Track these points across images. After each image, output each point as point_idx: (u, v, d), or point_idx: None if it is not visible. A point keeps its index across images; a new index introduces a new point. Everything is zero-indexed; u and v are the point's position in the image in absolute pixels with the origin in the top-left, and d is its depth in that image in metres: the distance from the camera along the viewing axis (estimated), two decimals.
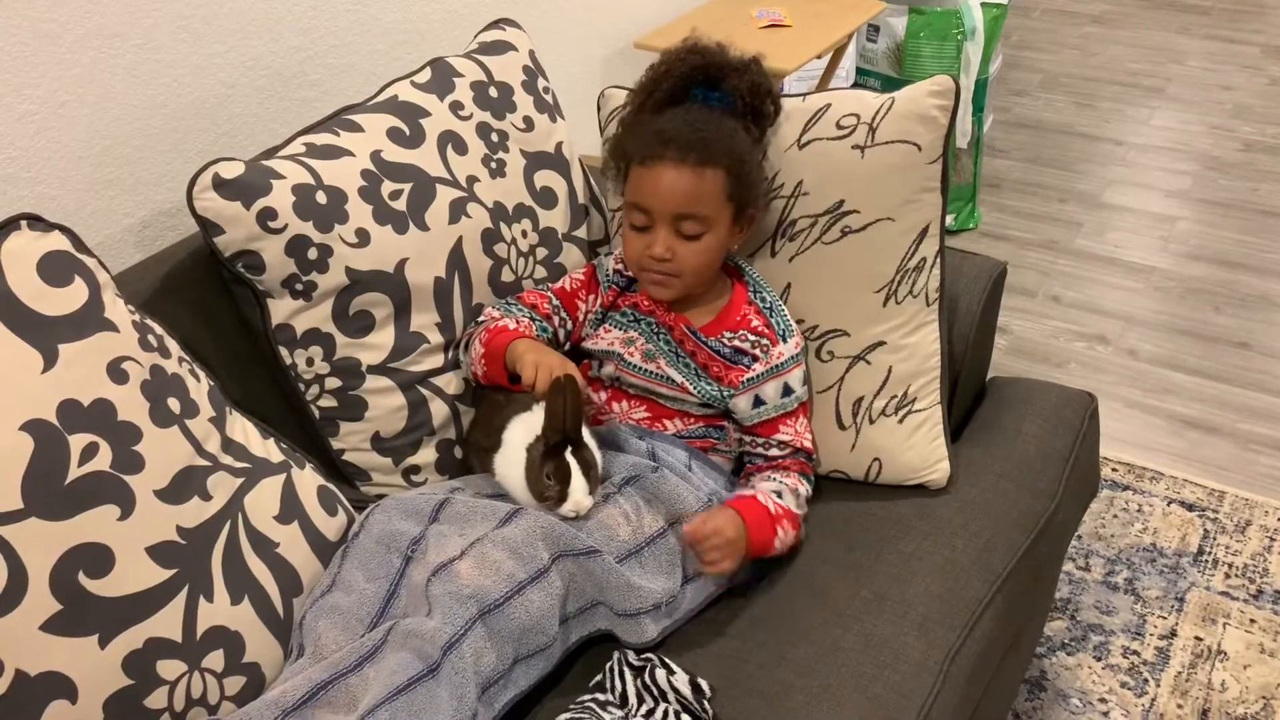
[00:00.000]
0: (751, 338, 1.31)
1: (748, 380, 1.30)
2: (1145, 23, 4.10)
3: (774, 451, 1.32)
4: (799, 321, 1.36)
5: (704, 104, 1.30)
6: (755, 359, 1.30)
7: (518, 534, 1.11)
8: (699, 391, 1.31)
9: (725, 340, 1.32)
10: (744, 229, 1.32)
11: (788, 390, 1.31)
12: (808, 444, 1.33)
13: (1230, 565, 1.92)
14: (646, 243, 1.28)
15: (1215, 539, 1.97)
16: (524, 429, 1.23)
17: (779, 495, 1.27)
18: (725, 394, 1.31)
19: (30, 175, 1.30)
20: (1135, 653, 1.77)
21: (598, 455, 1.21)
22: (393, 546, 1.13)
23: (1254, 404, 2.29)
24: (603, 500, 1.21)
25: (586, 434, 1.21)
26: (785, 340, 1.31)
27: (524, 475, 1.20)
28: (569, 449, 1.18)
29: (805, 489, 1.31)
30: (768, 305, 1.33)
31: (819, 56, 2.32)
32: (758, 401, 1.30)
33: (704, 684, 1.12)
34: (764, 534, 1.22)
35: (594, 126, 1.52)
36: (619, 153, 1.33)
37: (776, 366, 1.30)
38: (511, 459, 1.22)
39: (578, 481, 1.17)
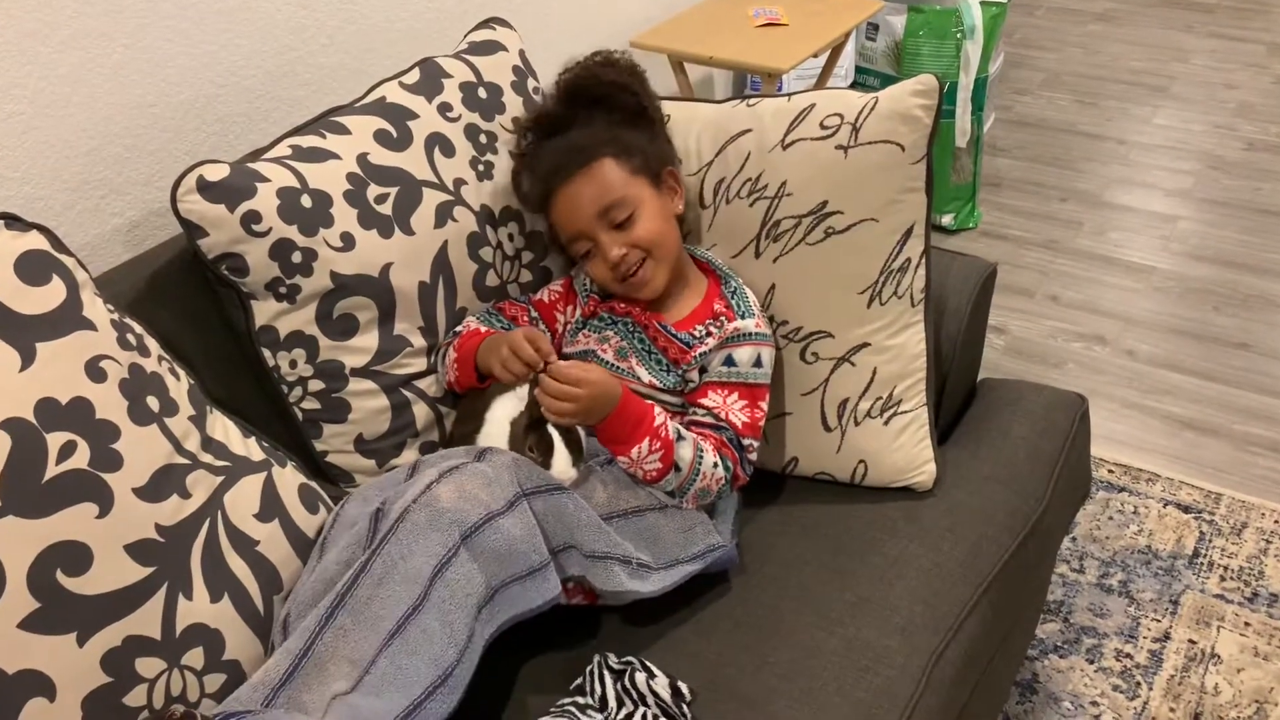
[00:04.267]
0: (712, 322, 1.32)
1: (700, 354, 1.29)
2: (1149, 21, 4.08)
3: (697, 416, 1.28)
4: (783, 323, 1.36)
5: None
6: (710, 334, 1.31)
7: (490, 468, 1.10)
8: (665, 384, 1.31)
9: (694, 332, 1.32)
10: (676, 190, 1.37)
11: (729, 361, 1.28)
12: (735, 420, 1.27)
13: (1226, 568, 1.91)
14: (603, 256, 1.31)
15: (1211, 541, 1.96)
16: (507, 405, 1.25)
17: (678, 434, 1.22)
18: (682, 370, 1.31)
19: (18, 175, 1.31)
20: (1128, 655, 1.76)
21: (582, 431, 1.22)
22: (362, 514, 1.11)
23: (1253, 405, 2.28)
24: (585, 471, 1.22)
25: None
26: (742, 318, 1.31)
27: (508, 449, 1.20)
28: (550, 422, 1.19)
29: (711, 460, 1.23)
30: (731, 289, 1.35)
31: (815, 55, 2.31)
32: (703, 371, 1.30)
33: (684, 688, 1.11)
34: (627, 430, 1.19)
35: None
36: (545, 225, 1.38)
37: (727, 338, 1.29)
38: (494, 435, 1.23)
39: (560, 453, 1.18)
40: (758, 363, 1.29)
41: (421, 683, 0.99)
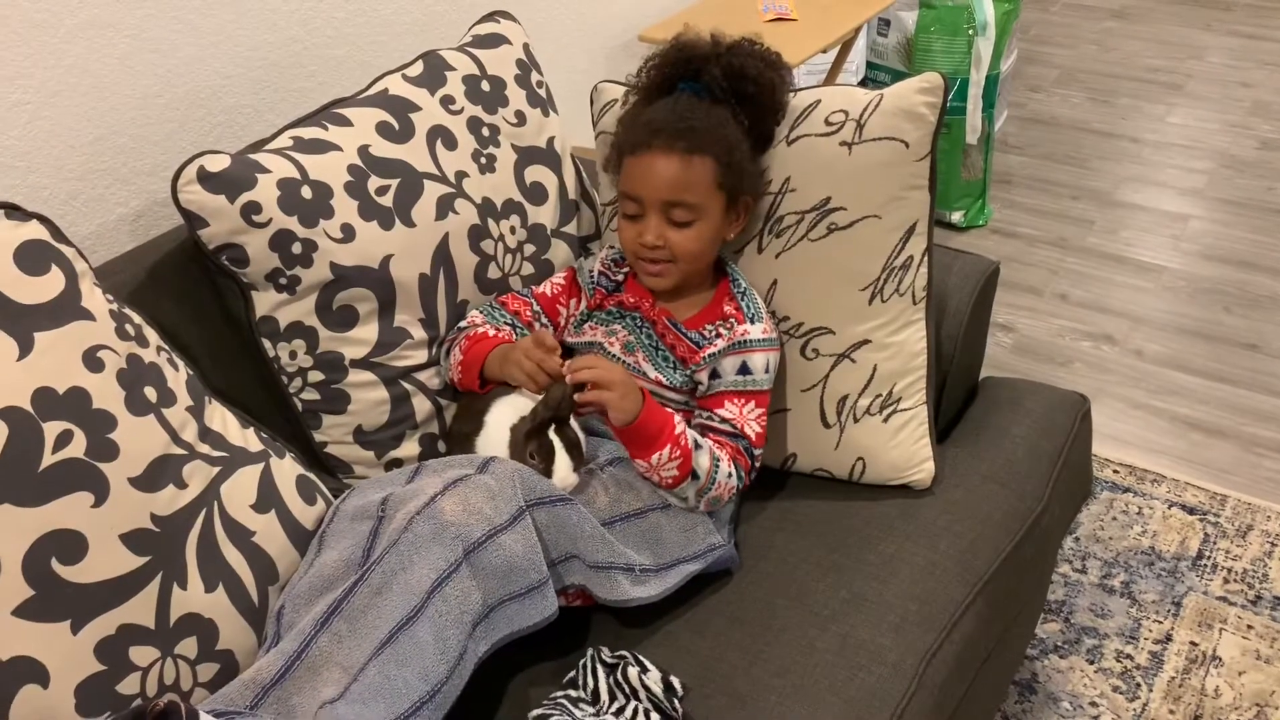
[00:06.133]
0: (722, 323, 1.32)
1: (709, 356, 1.29)
2: (1166, 18, 4.05)
3: (715, 423, 1.28)
4: (784, 319, 1.36)
5: (692, 94, 1.31)
6: (719, 336, 1.30)
7: (494, 480, 1.11)
8: (672, 382, 1.31)
9: (704, 332, 1.32)
10: (740, 218, 1.33)
11: (745, 369, 1.28)
12: (750, 432, 1.27)
13: (1229, 570, 1.90)
14: (638, 231, 1.29)
15: (1215, 543, 1.95)
16: (507, 410, 1.25)
17: (695, 442, 1.22)
18: (690, 371, 1.30)
19: (23, 164, 1.32)
20: (1129, 657, 1.75)
21: (581, 436, 1.22)
22: (364, 515, 1.12)
23: (1261, 406, 2.26)
24: (586, 475, 1.22)
25: (573, 419, 1.22)
26: (752, 322, 1.30)
27: (508, 455, 1.20)
28: (552, 428, 1.18)
29: (727, 469, 1.24)
30: (741, 290, 1.34)
31: (824, 51, 2.30)
32: (714, 374, 1.29)
33: (676, 682, 1.11)
34: (650, 435, 1.19)
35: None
36: (615, 148, 1.33)
37: (738, 343, 1.28)
38: (494, 439, 1.23)
39: (561, 459, 1.18)
40: (768, 369, 1.30)
41: (410, 696, 0.99)
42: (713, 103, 1.30)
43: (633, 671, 1.11)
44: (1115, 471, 2.11)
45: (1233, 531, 1.97)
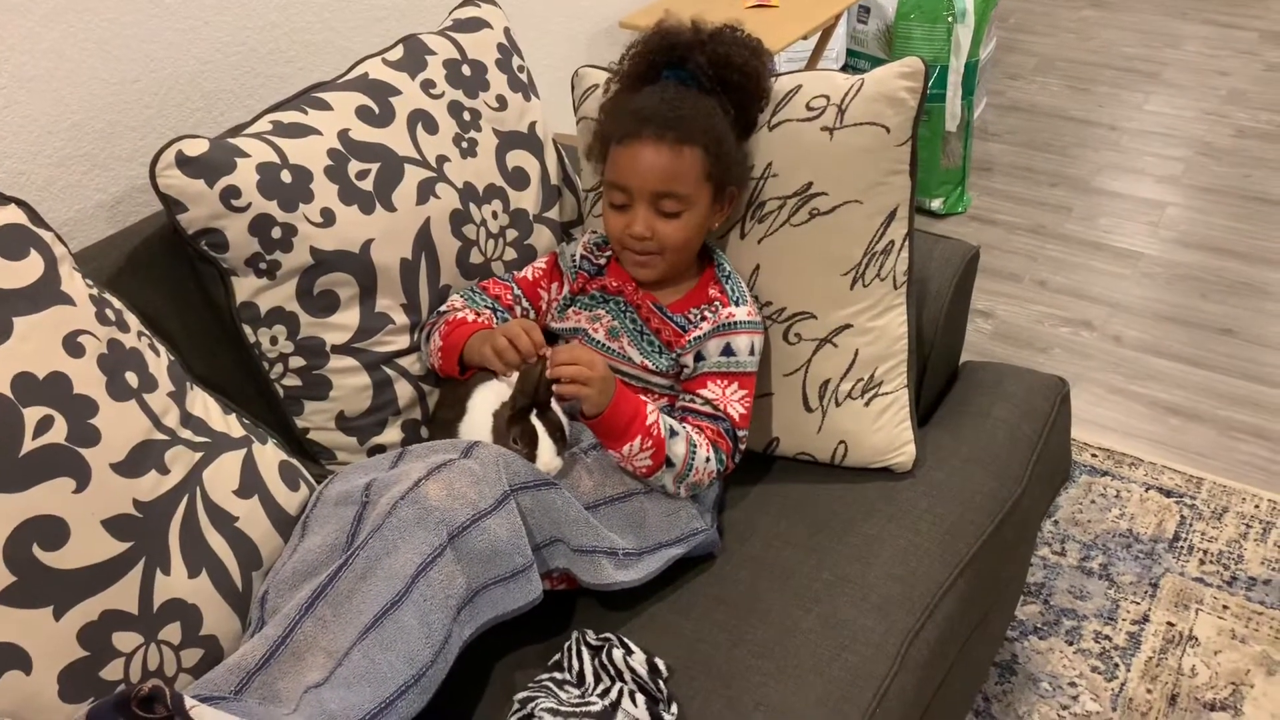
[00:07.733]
0: (707, 306, 1.32)
1: (694, 339, 1.29)
2: (1144, 6, 4.08)
3: (696, 405, 1.28)
4: (767, 304, 1.36)
5: (678, 82, 1.30)
6: (705, 319, 1.30)
7: (478, 465, 1.11)
8: (658, 366, 1.31)
9: (690, 315, 1.32)
10: (725, 207, 1.33)
11: (728, 350, 1.28)
12: (733, 413, 1.27)
13: (1205, 551, 1.92)
14: (626, 221, 1.28)
15: (1192, 525, 1.98)
16: (489, 395, 1.25)
17: (670, 430, 1.21)
18: (676, 354, 1.31)
19: None
20: (1107, 637, 1.77)
21: (564, 420, 1.22)
22: (348, 500, 1.12)
23: (1237, 391, 2.29)
24: (570, 459, 1.22)
25: (555, 403, 1.22)
26: (736, 304, 1.30)
27: (491, 440, 1.20)
28: (534, 413, 1.19)
29: (705, 454, 1.23)
30: (725, 274, 1.34)
31: (805, 37, 2.30)
32: (698, 357, 1.29)
33: (661, 664, 1.12)
34: (620, 426, 1.19)
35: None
36: (600, 136, 1.33)
37: (722, 325, 1.28)
38: (477, 425, 1.23)
39: (545, 443, 1.18)
40: (752, 351, 1.30)
41: (395, 680, 0.99)
42: (699, 91, 1.29)
43: (617, 653, 1.12)
44: (1094, 455, 2.13)
45: (1209, 514, 2.00)
